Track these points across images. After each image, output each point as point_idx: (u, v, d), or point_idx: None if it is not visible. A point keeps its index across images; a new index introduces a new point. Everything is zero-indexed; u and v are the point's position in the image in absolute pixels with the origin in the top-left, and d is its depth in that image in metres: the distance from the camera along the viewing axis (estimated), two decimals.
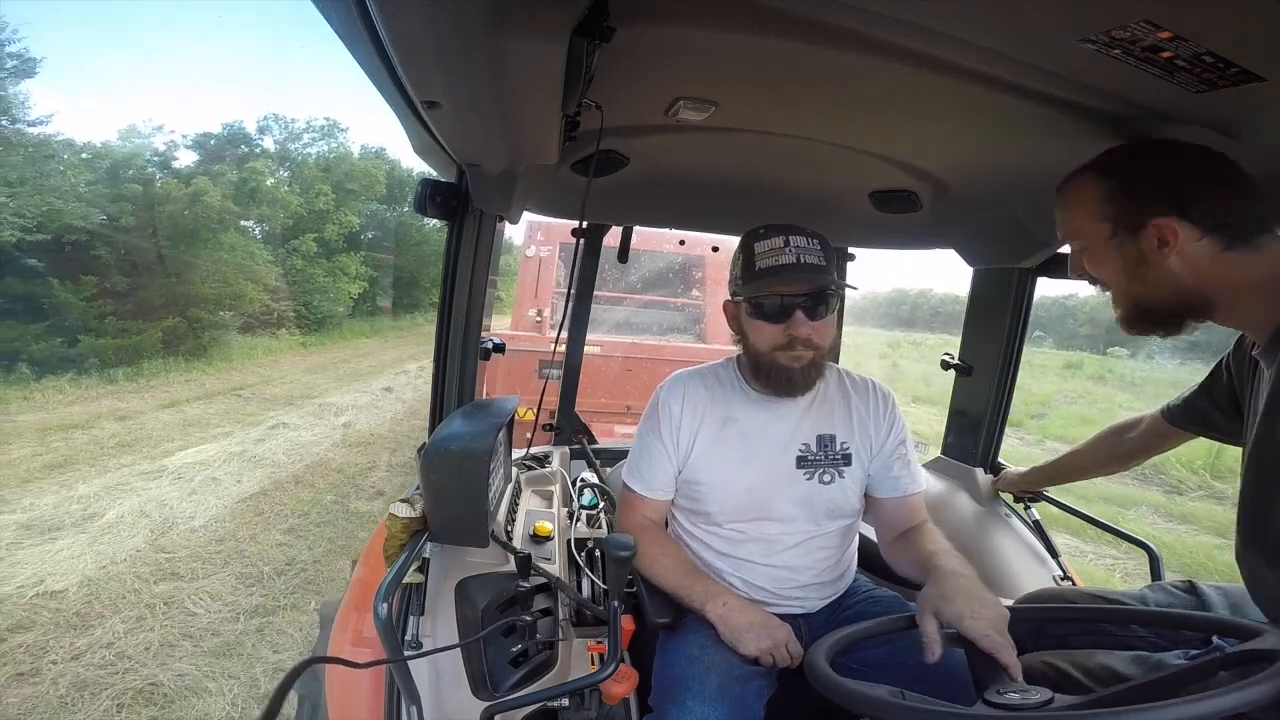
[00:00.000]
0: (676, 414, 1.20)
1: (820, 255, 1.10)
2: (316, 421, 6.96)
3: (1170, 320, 0.87)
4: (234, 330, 10.96)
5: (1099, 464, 1.45)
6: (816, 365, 1.14)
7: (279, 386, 8.86)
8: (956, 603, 0.88)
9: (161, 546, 3.64)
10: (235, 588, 3.22)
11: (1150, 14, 0.61)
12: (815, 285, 1.09)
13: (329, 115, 17.32)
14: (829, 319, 1.12)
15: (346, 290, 15.00)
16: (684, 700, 0.96)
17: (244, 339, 11.09)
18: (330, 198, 14.27)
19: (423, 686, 0.91)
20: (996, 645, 0.82)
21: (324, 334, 14.03)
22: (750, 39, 0.80)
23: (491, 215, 1.23)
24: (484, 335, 1.32)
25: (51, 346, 8.47)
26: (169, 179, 10.25)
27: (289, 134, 15.30)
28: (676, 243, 5.02)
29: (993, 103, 0.90)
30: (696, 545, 1.22)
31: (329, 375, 10.12)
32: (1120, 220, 0.84)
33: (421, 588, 1.05)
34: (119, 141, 10.30)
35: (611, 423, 4.25)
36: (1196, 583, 1.10)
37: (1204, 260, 0.81)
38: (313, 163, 15.32)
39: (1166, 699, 0.61)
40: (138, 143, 10.63)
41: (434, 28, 0.60)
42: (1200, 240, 0.80)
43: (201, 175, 10.61)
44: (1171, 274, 0.82)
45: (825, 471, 1.18)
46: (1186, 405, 1.19)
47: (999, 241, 1.58)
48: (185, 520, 4.02)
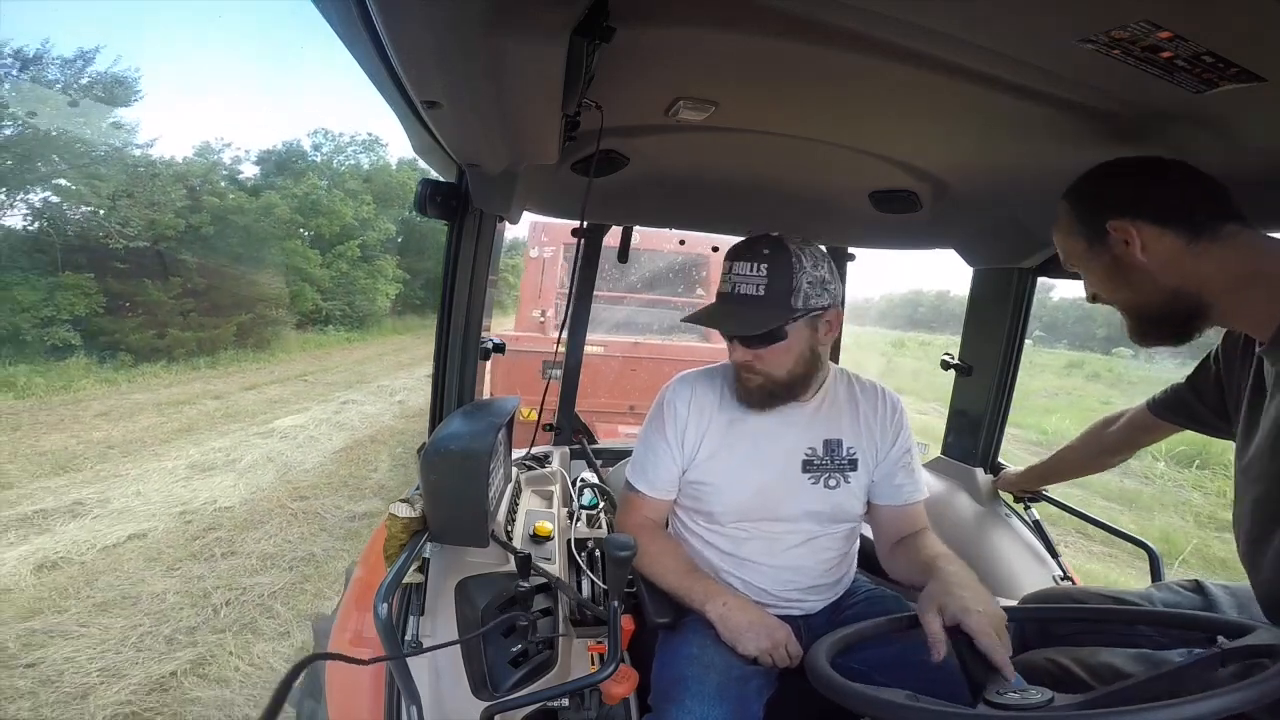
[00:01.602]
0: (683, 415, 1.20)
1: (760, 284, 1.06)
2: (377, 399, 8.49)
3: (1173, 324, 0.87)
4: (290, 326, 12.57)
5: (1086, 460, 1.45)
6: (767, 389, 1.13)
7: (337, 374, 10.37)
8: (961, 597, 0.88)
9: (288, 480, 5.03)
10: (347, 502, 4.62)
11: (1150, 14, 0.61)
12: (731, 328, 1.11)
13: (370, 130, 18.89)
14: (776, 347, 1.09)
15: (384, 291, 16.65)
16: (684, 700, 0.95)
17: (298, 334, 12.76)
18: (371, 207, 15.80)
19: (423, 686, 0.91)
20: (992, 645, 0.82)
21: (365, 330, 15.78)
22: (750, 39, 0.80)
23: (491, 215, 1.23)
24: (484, 335, 1.32)
25: (146, 338, 9.91)
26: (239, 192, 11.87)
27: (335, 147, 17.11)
28: (677, 242, 5.02)
29: (993, 103, 0.89)
30: (698, 544, 1.22)
31: (377, 365, 11.66)
32: (1086, 232, 0.89)
33: (421, 588, 1.05)
34: (196, 157, 12.08)
35: (614, 422, 4.25)
36: (1203, 582, 1.10)
37: (1173, 255, 0.83)
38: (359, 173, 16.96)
39: (1166, 698, 0.61)
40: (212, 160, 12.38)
41: (434, 28, 0.60)
42: (1163, 237, 0.82)
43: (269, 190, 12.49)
44: (1149, 273, 0.84)
45: (831, 476, 1.17)
46: (1171, 398, 1.20)
47: (999, 241, 1.58)
48: (299, 464, 5.46)
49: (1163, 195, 0.83)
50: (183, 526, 3.96)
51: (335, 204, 14.36)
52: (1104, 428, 1.38)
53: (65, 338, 8.88)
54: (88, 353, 9.00)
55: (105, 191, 9.49)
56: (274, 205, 12.10)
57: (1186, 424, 1.19)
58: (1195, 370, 1.14)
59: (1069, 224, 0.92)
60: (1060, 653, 1.01)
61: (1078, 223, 0.90)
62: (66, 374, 8.34)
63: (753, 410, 1.16)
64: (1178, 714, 0.57)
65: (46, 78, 9.69)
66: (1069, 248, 0.93)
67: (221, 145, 13.39)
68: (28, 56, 9.36)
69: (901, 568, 1.15)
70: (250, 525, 4.05)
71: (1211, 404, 1.09)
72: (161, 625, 2.80)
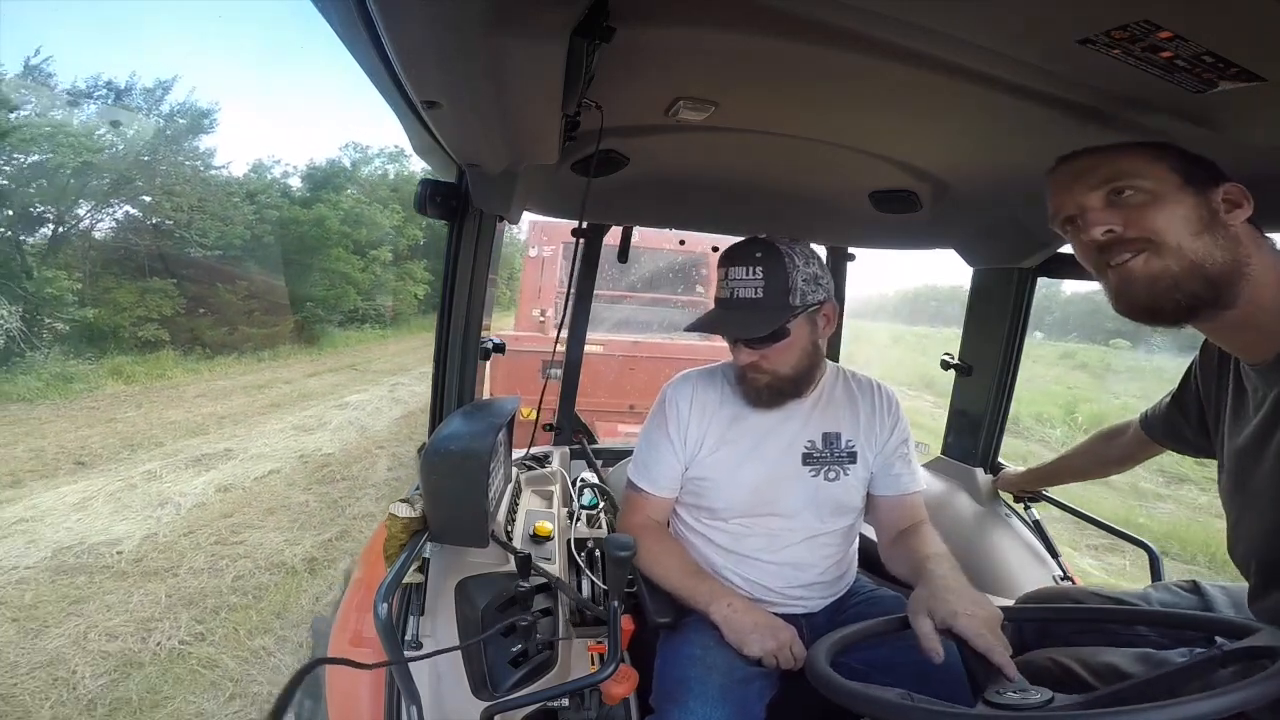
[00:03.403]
0: (685, 412, 1.21)
1: (758, 287, 1.08)
2: (419, 382, 9.76)
3: (1202, 299, 0.78)
4: (333, 325, 14.49)
5: (1091, 468, 1.45)
6: (775, 387, 1.15)
7: (381, 364, 12.00)
8: (948, 601, 0.88)
9: (367, 435, 6.61)
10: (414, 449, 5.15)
11: (1150, 14, 0.61)
12: (731, 332, 1.13)
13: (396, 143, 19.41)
14: (780, 345, 1.11)
15: (413, 292, 18.40)
16: (686, 701, 0.96)
17: (340, 331, 14.60)
18: (400, 214, 16.98)
19: (423, 686, 0.90)
20: (990, 645, 0.82)
21: (396, 328, 17.48)
22: (750, 39, 0.80)
23: (491, 215, 1.23)
24: (484, 335, 1.32)
25: (219, 334, 11.53)
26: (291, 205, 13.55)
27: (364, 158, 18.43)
28: (677, 242, 5.02)
29: (993, 103, 0.89)
30: (699, 541, 1.22)
31: (412, 357, 12.90)
32: (1191, 175, 0.78)
33: (421, 588, 1.05)
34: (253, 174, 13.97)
35: (614, 421, 4.25)
36: (1200, 582, 1.10)
37: (1250, 241, 0.79)
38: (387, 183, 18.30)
39: (1166, 698, 0.61)
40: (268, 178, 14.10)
41: (434, 28, 0.60)
42: (1248, 220, 0.78)
43: (318, 202, 14.18)
44: (1237, 240, 0.78)
45: (831, 469, 1.18)
46: (1162, 418, 1.17)
47: (999, 241, 1.58)
48: (372, 426, 7.05)
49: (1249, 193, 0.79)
50: (303, 465, 5.50)
51: (375, 214, 15.89)
52: (1107, 441, 1.37)
53: (156, 334, 10.46)
54: (173, 347, 10.59)
55: (185, 206, 11.06)
56: (325, 217, 13.80)
57: (1174, 446, 1.17)
58: (1178, 388, 1.12)
59: (1159, 160, 0.80)
60: (1060, 653, 1.01)
61: (1174, 163, 0.79)
62: (160, 364, 9.86)
63: (760, 409, 1.18)
64: (1178, 714, 0.57)
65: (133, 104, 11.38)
66: (1146, 170, 0.79)
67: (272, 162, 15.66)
68: (120, 87, 11.11)
69: (898, 566, 1.16)
70: (350, 462, 5.64)
71: (1195, 424, 1.07)
72: (311, 518, 4.29)
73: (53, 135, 9.54)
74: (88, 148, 9.88)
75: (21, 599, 3.00)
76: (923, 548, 1.09)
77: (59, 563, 3.39)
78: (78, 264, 9.89)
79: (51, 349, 8.83)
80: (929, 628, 0.86)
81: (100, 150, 10.17)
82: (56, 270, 9.28)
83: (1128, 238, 0.79)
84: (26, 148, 9.44)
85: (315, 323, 13.56)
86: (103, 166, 10.01)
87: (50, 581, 3.20)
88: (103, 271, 10.23)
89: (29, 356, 8.42)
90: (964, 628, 0.84)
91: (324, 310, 13.96)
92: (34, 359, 8.45)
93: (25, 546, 3.57)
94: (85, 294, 9.47)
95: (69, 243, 10.27)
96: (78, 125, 10.22)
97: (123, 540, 3.71)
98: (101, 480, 4.77)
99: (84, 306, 9.35)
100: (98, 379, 8.65)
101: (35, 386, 7.88)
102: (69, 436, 6.15)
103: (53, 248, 9.98)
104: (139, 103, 11.23)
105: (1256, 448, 0.84)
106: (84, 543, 3.64)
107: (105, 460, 5.42)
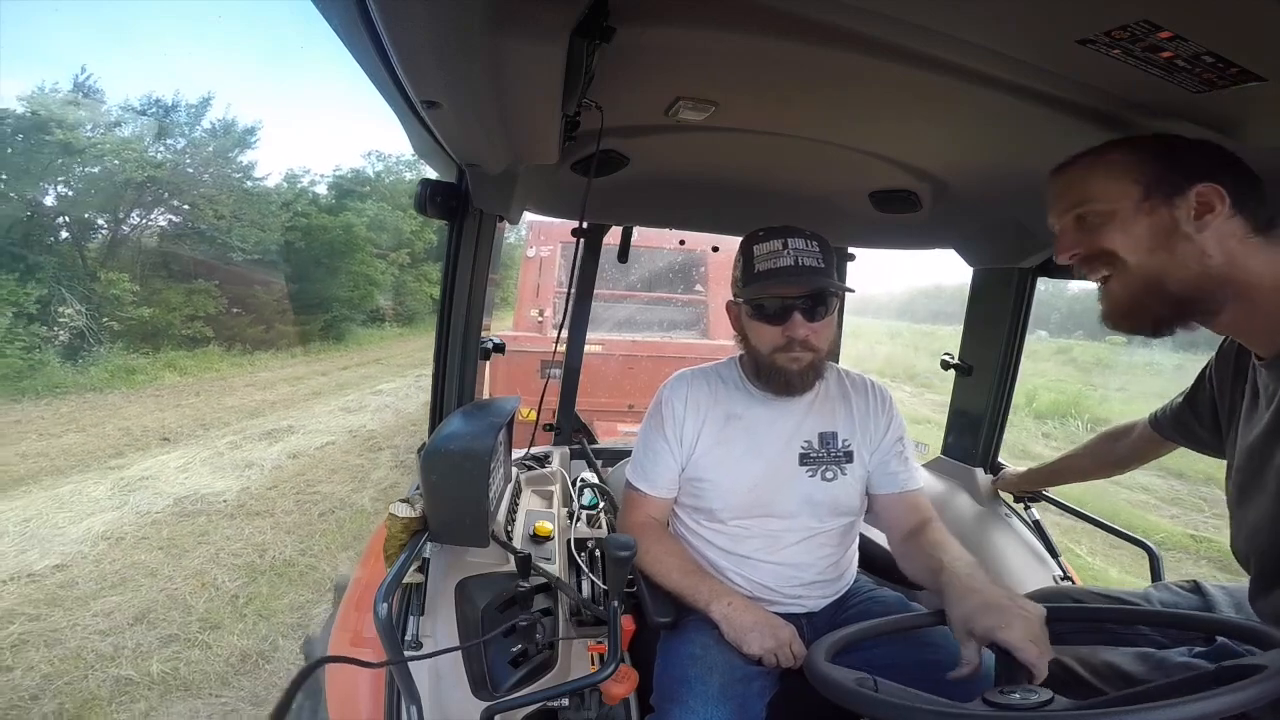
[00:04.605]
0: (680, 412, 1.21)
1: (818, 258, 1.10)
2: None
3: (1171, 310, 0.81)
4: (358, 323, 15.66)
5: (1094, 468, 1.44)
6: (815, 367, 1.14)
7: (402, 359, 12.88)
8: (986, 618, 0.85)
9: (402, 416, 7.59)
10: None
11: (1150, 14, 0.61)
12: (811, 288, 1.10)
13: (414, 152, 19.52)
14: (828, 320, 1.13)
15: (428, 293, 19.08)
16: (687, 700, 0.96)
17: (362, 330, 15.70)
18: (416, 221, 17.58)
19: (423, 686, 0.90)
20: (1032, 657, 0.79)
21: (414, 326, 18.23)
22: (750, 39, 0.80)
23: (491, 215, 1.23)
24: (484, 335, 1.32)
25: (257, 332, 12.52)
26: (320, 213, 14.42)
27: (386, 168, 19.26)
28: (677, 242, 5.02)
29: (993, 103, 0.89)
30: (699, 543, 1.22)
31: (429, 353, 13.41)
32: (1156, 184, 0.78)
33: (421, 588, 1.04)
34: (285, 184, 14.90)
35: (614, 421, 4.25)
36: (1201, 583, 1.10)
37: (1233, 241, 0.77)
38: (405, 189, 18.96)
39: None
40: (298, 187, 14.95)
41: (434, 28, 0.60)
42: (1233, 218, 0.77)
43: (344, 210, 15.26)
44: (1202, 250, 0.77)
45: (828, 468, 1.18)
46: (1173, 416, 1.17)
47: (999, 241, 1.58)
48: (405, 409, 7.97)
49: (1247, 177, 0.78)
50: (353, 438, 6.56)
51: (396, 220, 16.88)
52: (1113, 440, 1.36)
53: (202, 331, 11.37)
54: (218, 343, 11.52)
55: (225, 214, 12.16)
56: (352, 224, 14.91)
57: (1186, 443, 1.16)
58: (1192, 387, 1.12)
59: (1126, 169, 0.80)
60: (1061, 652, 1.01)
61: (1142, 169, 0.79)
62: (208, 359, 10.80)
63: (784, 396, 1.18)
64: (1178, 714, 0.57)
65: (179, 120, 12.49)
66: (1108, 190, 0.81)
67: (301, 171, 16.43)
68: (168, 104, 12.22)
69: (913, 566, 1.14)
70: (390, 435, 6.66)
71: (1208, 424, 1.07)
72: (367, 475, 5.32)
73: (118, 151, 10.69)
74: (150, 163, 11.15)
75: (160, 534, 3.96)
76: (938, 551, 1.06)
77: (181, 509, 4.39)
78: (131, 267, 10.89)
79: (115, 344, 9.79)
80: (973, 651, 0.85)
81: (161, 165, 11.45)
82: (118, 273, 10.33)
83: (1090, 257, 0.83)
84: (93, 162, 10.53)
85: (341, 321, 14.76)
86: (161, 180, 11.30)
87: (177, 521, 4.17)
88: (151, 274, 11.21)
89: (95, 351, 9.42)
90: (1010, 639, 0.81)
91: (349, 310, 15.18)
92: (99, 353, 9.43)
93: (152, 497, 4.58)
94: (140, 294, 10.47)
95: (123, 247, 11.35)
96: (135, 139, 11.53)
97: (224, 492, 4.73)
98: (193, 450, 5.81)
99: (140, 306, 10.34)
100: (155, 371, 9.62)
101: (103, 377, 8.80)
102: (147, 419, 7.09)
103: (110, 252, 11.01)
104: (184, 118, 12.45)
105: (1265, 444, 0.84)
106: (196, 494, 4.67)
107: (187, 436, 6.38)
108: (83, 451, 5.69)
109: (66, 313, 9.47)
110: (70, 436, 6.18)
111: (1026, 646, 0.80)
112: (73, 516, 4.14)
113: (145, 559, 3.58)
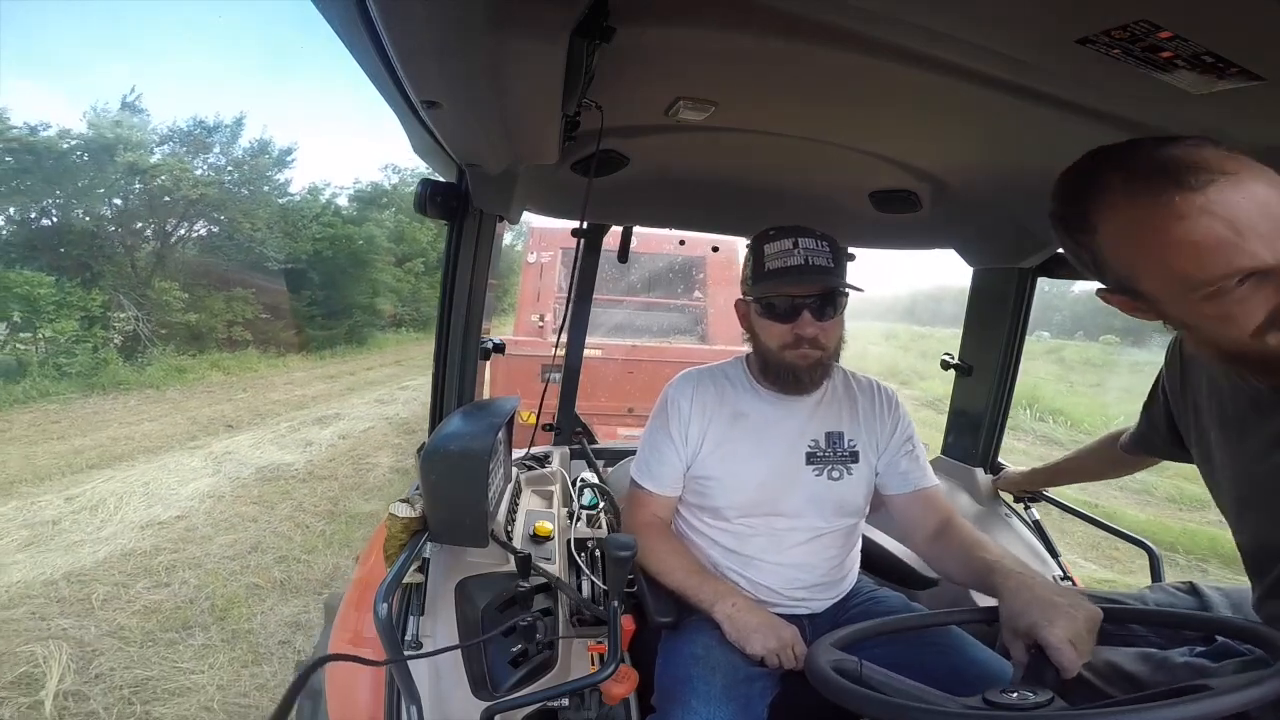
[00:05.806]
0: (686, 411, 1.21)
1: (829, 257, 1.11)
2: None
3: None
4: (377, 328, 16.65)
5: (1096, 470, 1.44)
6: (823, 365, 1.15)
7: (420, 361, 13.41)
8: (1031, 614, 0.84)
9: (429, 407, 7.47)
10: None
11: (1150, 14, 0.61)
12: (821, 287, 1.10)
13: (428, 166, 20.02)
14: (836, 320, 1.14)
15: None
16: (688, 700, 0.96)
17: (381, 334, 16.68)
18: (432, 230, 18.28)
19: (423, 686, 0.90)
20: (1066, 658, 0.77)
21: (428, 331, 20.34)
22: (750, 39, 0.80)
23: (491, 215, 1.23)
24: (484, 335, 1.32)
25: (289, 336, 13.53)
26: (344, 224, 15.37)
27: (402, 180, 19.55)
28: (676, 243, 5.03)
29: (993, 103, 0.89)
30: (703, 542, 1.22)
31: None
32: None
33: (421, 588, 1.04)
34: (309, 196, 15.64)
35: (614, 425, 4.25)
36: (1198, 584, 1.10)
37: None
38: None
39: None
40: (323, 200, 15.74)
41: (434, 28, 0.60)
42: None
43: (367, 220, 16.30)
44: None
45: (834, 468, 1.19)
46: (1137, 433, 1.16)
47: (999, 241, 1.58)
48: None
49: None
50: (390, 424, 7.48)
51: (413, 230, 17.82)
52: (1114, 442, 1.34)
53: (241, 335, 12.32)
54: (255, 346, 12.47)
55: (261, 226, 13.16)
56: (374, 235, 15.91)
57: (1158, 456, 1.16)
58: (1146, 401, 1.11)
59: None
60: None
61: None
62: (247, 360, 11.67)
63: (792, 395, 1.18)
64: (1177, 714, 0.57)
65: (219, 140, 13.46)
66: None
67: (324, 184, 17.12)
68: (210, 125, 13.16)
69: (951, 567, 1.13)
70: (422, 422, 6.53)
71: (1165, 434, 1.06)
72: (408, 452, 6.09)
73: (171, 169, 11.77)
74: (202, 181, 12.28)
75: (252, 493, 4.90)
76: (978, 550, 1.06)
77: (262, 476, 5.36)
78: (178, 275, 11.96)
79: (166, 346, 10.87)
80: (1020, 651, 0.83)
81: (210, 184, 12.54)
82: (169, 281, 11.49)
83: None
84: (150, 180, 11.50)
85: (363, 326, 15.92)
86: (210, 198, 12.42)
87: (263, 484, 5.15)
88: (193, 282, 12.11)
89: (150, 352, 10.50)
90: (1046, 638, 0.80)
91: (370, 315, 16.31)
92: (154, 354, 10.50)
93: (238, 466, 5.55)
94: (187, 301, 11.53)
95: (170, 258, 12.40)
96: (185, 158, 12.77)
97: (294, 463, 5.74)
98: (259, 433, 6.77)
99: (187, 312, 11.44)
100: (203, 370, 10.57)
101: (159, 376, 9.76)
102: (207, 410, 7.95)
103: (159, 262, 12.06)
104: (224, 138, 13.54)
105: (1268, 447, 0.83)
106: (272, 464, 5.66)
107: (247, 424, 7.26)
108: (162, 436, 6.57)
109: (121, 317, 10.52)
110: (146, 425, 7.12)
111: (1064, 646, 0.78)
112: (179, 480, 5.12)
113: (246, 510, 4.54)
